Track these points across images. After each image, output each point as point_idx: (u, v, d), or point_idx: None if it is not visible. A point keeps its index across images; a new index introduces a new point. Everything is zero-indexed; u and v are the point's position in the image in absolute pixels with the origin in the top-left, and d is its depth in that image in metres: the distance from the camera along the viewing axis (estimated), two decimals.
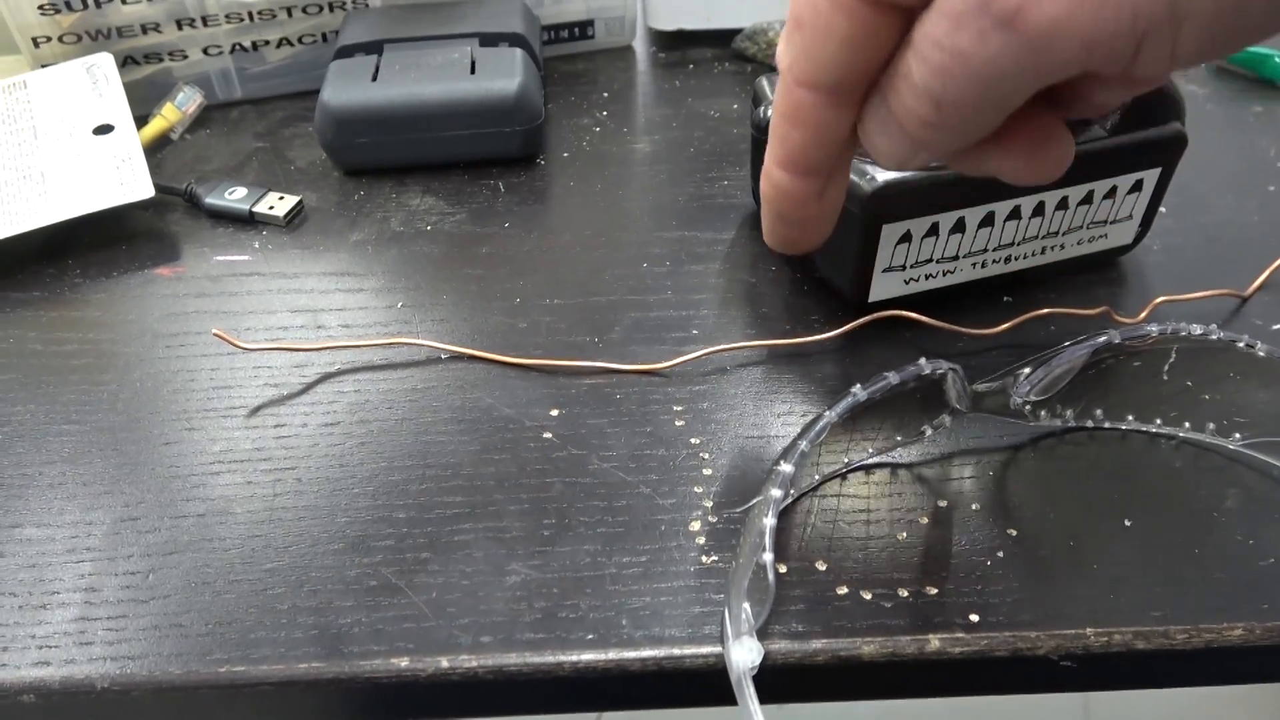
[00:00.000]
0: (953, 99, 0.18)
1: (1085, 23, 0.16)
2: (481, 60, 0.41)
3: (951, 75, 0.18)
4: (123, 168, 0.37)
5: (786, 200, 0.23)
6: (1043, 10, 0.16)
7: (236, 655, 0.23)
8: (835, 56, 0.20)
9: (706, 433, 0.29)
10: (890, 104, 0.20)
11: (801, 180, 0.22)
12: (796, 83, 0.21)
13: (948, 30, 0.17)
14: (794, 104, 0.21)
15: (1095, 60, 0.17)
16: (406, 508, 0.27)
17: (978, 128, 0.20)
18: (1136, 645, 0.23)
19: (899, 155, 0.21)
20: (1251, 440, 0.27)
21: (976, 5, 0.17)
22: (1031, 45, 0.17)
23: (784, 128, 0.22)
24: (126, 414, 0.30)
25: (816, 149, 0.22)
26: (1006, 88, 0.18)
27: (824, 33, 0.20)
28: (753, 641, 0.22)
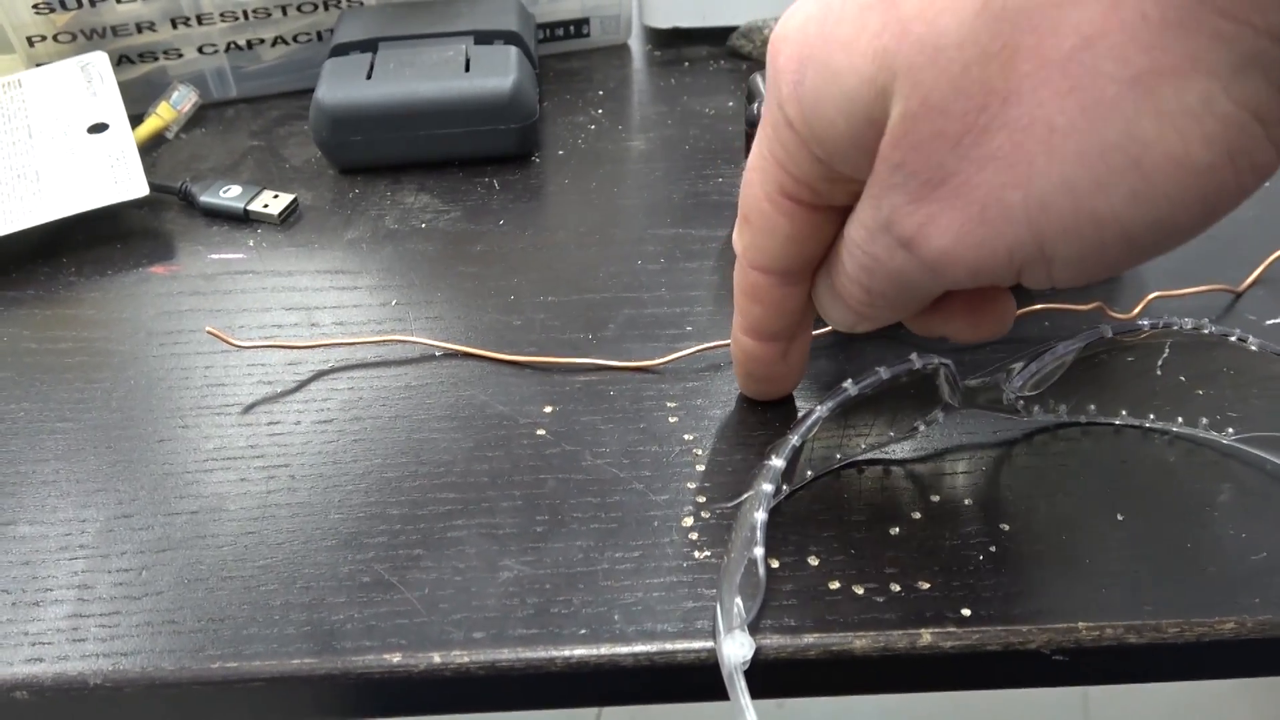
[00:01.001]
0: (877, 290, 0.21)
1: (967, 255, 0.18)
2: (476, 58, 0.41)
3: (872, 272, 0.21)
4: (117, 166, 0.37)
5: (754, 362, 0.26)
6: (931, 243, 0.19)
7: (229, 651, 0.23)
8: (781, 249, 0.23)
9: (700, 429, 0.29)
10: (834, 282, 0.23)
11: (765, 345, 0.25)
12: (750, 267, 0.24)
13: (864, 238, 0.20)
14: (751, 284, 0.24)
15: (983, 281, 0.19)
16: (400, 504, 0.27)
17: (906, 308, 0.22)
18: (1128, 639, 0.23)
19: (847, 323, 0.23)
20: (1244, 435, 0.27)
21: (881, 226, 0.19)
22: (927, 266, 0.19)
23: (744, 302, 0.25)
24: (120, 411, 0.30)
25: (775, 320, 0.25)
26: (918, 290, 0.21)
27: (769, 231, 0.22)
28: (744, 636, 0.22)
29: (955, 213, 0.18)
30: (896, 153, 0.18)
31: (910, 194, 0.18)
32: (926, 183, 0.18)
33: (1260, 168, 0.17)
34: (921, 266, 0.19)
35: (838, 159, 0.20)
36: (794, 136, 0.20)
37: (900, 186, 0.18)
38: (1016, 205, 0.17)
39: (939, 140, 0.17)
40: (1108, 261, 0.18)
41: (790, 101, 0.20)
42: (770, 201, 0.22)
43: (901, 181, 0.18)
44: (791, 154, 0.21)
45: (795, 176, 0.21)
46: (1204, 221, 0.18)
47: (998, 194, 0.17)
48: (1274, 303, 0.32)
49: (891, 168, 0.18)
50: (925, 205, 0.18)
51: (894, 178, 0.18)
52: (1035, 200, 0.17)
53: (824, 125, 0.19)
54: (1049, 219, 0.17)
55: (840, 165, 0.20)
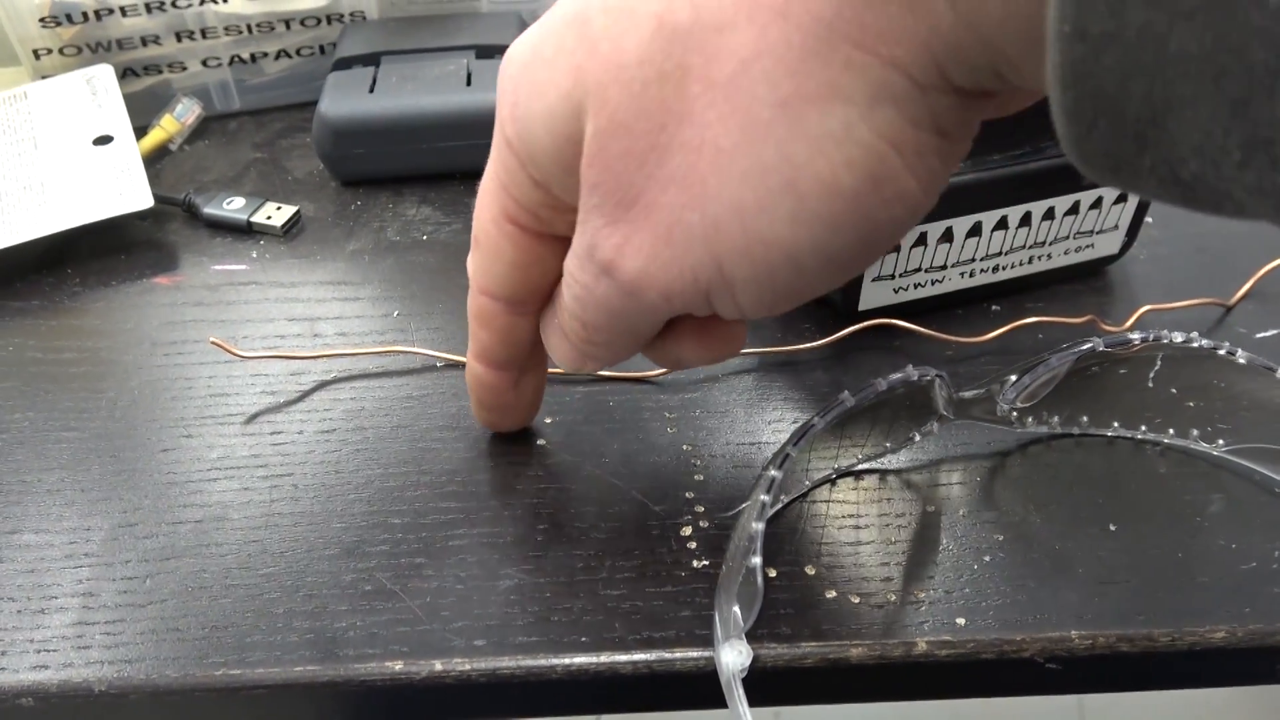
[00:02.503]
0: (592, 323, 0.21)
1: (658, 278, 0.19)
2: (477, 72, 0.41)
3: (586, 304, 0.20)
4: (122, 178, 0.38)
5: (485, 390, 0.26)
6: (626, 265, 0.19)
7: (233, 659, 0.24)
8: (507, 274, 0.23)
9: (698, 440, 0.29)
10: (558, 318, 0.22)
11: (495, 373, 0.25)
12: (479, 291, 0.24)
13: (574, 267, 0.20)
14: (480, 309, 0.24)
15: (677, 307, 0.19)
16: (401, 513, 0.27)
17: (626, 344, 0.22)
18: (1121, 648, 0.23)
19: (572, 361, 0.23)
20: (1235, 446, 0.28)
21: (587, 251, 0.19)
22: (625, 290, 0.19)
23: (474, 327, 0.24)
24: (125, 421, 0.30)
25: (504, 348, 0.24)
26: (627, 319, 0.20)
27: (495, 255, 0.22)
28: (742, 644, 0.22)
29: (644, 234, 0.18)
30: (592, 171, 0.18)
31: (606, 216, 0.18)
32: (619, 204, 0.18)
33: (906, 197, 0.17)
34: (621, 292, 0.19)
35: (552, 181, 0.20)
36: (513, 158, 0.20)
37: (598, 208, 0.19)
38: (695, 226, 0.18)
39: (627, 159, 0.18)
40: (782, 287, 0.18)
41: (508, 121, 0.20)
42: (495, 225, 0.22)
43: (599, 202, 0.18)
44: (513, 177, 0.21)
45: (517, 200, 0.21)
46: (864, 250, 0.18)
47: (679, 214, 0.18)
48: (1264, 316, 0.33)
49: (590, 188, 0.19)
50: (620, 227, 0.18)
51: (593, 198, 0.19)
52: (710, 221, 0.17)
53: (534, 143, 0.19)
54: (723, 241, 0.18)
55: (555, 189, 0.20)
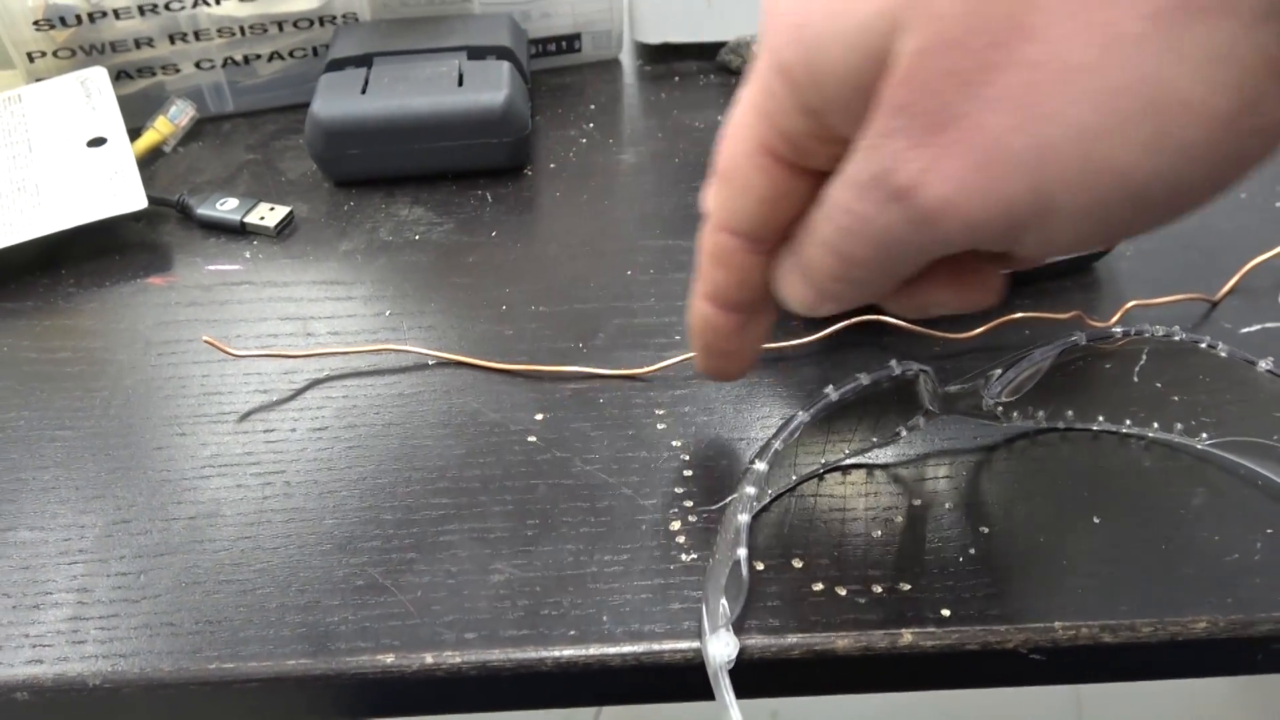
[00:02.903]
0: (856, 257, 0.20)
1: (965, 207, 0.17)
2: (469, 73, 0.42)
3: (854, 236, 0.19)
4: (115, 180, 0.38)
5: (711, 333, 0.25)
6: (930, 191, 0.17)
7: (226, 653, 0.24)
8: (753, 210, 0.22)
9: (687, 435, 0.29)
10: (800, 255, 0.21)
11: (724, 315, 0.24)
12: (718, 227, 0.23)
13: (850, 196, 0.19)
14: (716, 246, 0.23)
15: (978, 239, 0.18)
16: (393, 509, 0.27)
17: (881, 284, 0.21)
18: (1103, 638, 0.24)
19: (807, 302, 0.22)
20: (1218, 440, 0.28)
21: (874, 178, 0.18)
22: (921, 218, 0.18)
23: (707, 266, 0.24)
24: (119, 420, 0.30)
25: (738, 289, 0.23)
26: (904, 253, 0.19)
27: (743, 188, 0.21)
28: (729, 635, 0.22)
29: (957, 159, 0.17)
30: (902, 92, 0.17)
31: (912, 139, 0.17)
32: (931, 126, 0.17)
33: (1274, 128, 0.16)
34: (914, 220, 0.18)
35: (833, 107, 0.19)
36: (786, 85, 0.19)
37: (902, 131, 0.17)
38: (1023, 150, 0.16)
39: (949, 78, 0.17)
40: (1109, 222, 0.17)
41: (789, 45, 0.19)
42: (749, 157, 0.21)
43: (904, 125, 0.17)
44: (780, 105, 0.20)
45: (780, 131, 0.20)
46: (1214, 185, 0.17)
47: (1004, 138, 0.16)
48: (1249, 311, 0.33)
49: (894, 109, 0.17)
50: (926, 150, 0.17)
51: (896, 120, 0.17)
52: (1042, 146, 0.16)
53: (826, 65, 0.18)
54: (1054, 168, 0.16)
55: (834, 116, 0.19)
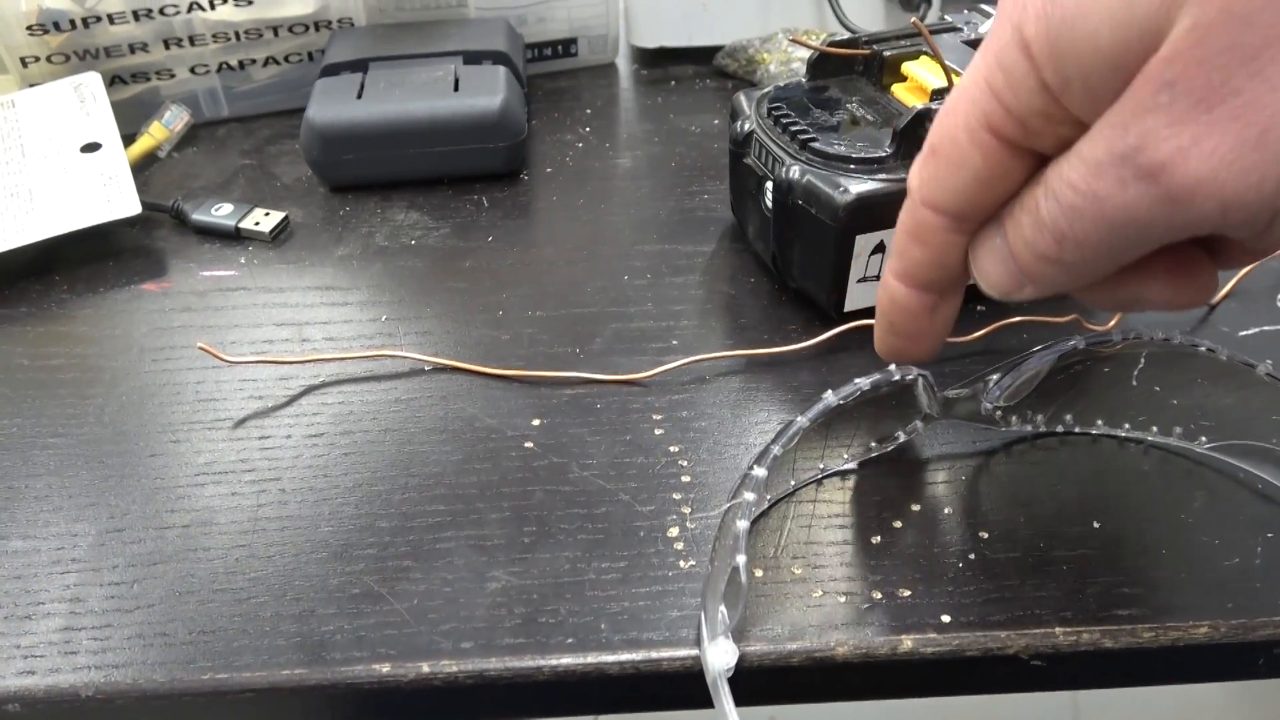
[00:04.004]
0: (1077, 237, 0.19)
1: (1227, 186, 0.17)
2: (465, 78, 0.42)
3: (1081, 215, 0.19)
4: (110, 185, 0.38)
5: (900, 312, 0.24)
6: (1188, 168, 0.17)
7: (220, 663, 0.24)
8: (965, 187, 0.21)
9: (685, 440, 0.29)
10: (1008, 235, 0.21)
11: (916, 295, 0.23)
12: (923, 203, 0.22)
13: (1085, 175, 0.18)
14: (918, 223, 0.22)
15: (1229, 223, 0.18)
16: (389, 516, 0.27)
17: (1093, 269, 0.20)
18: (1104, 644, 0.24)
19: (1006, 285, 0.21)
20: (1217, 444, 0.28)
21: (1121, 156, 0.18)
22: (1170, 198, 0.17)
23: (905, 243, 0.23)
24: (112, 427, 0.30)
25: (934, 268, 0.23)
26: (1134, 235, 0.19)
27: (957, 164, 0.21)
28: (728, 643, 0.22)
29: (1227, 136, 0.17)
30: (1172, 69, 0.17)
31: (1174, 116, 0.17)
32: (1199, 103, 0.17)
33: None
34: (1162, 200, 0.17)
35: (1075, 87, 0.18)
36: (1024, 61, 0.19)
37: (1164, 108, 0.17)
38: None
39: (1230, 54, 0.16)
40: None
41: (1036, 19, 0.18)
42: (969, 133, 0.20)
43: (1167, 102, 0.17)
44: (1014, 82, 0.19)
45: (1009, 108, 0.19)
46: None
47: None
48: (1247, 315, 0.33)
49: (1158, 87, 0.17)
50: (1189, 128, 0.17)
51: (1159, 98, 0.17)
52: None
53: (1079, 42, 0.18)
54: None
55: (1074, 95, 0.19)
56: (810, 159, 0.31)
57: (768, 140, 0.32)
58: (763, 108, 0.33)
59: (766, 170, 0.32)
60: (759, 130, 0.33)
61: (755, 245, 0.36)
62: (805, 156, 0.31)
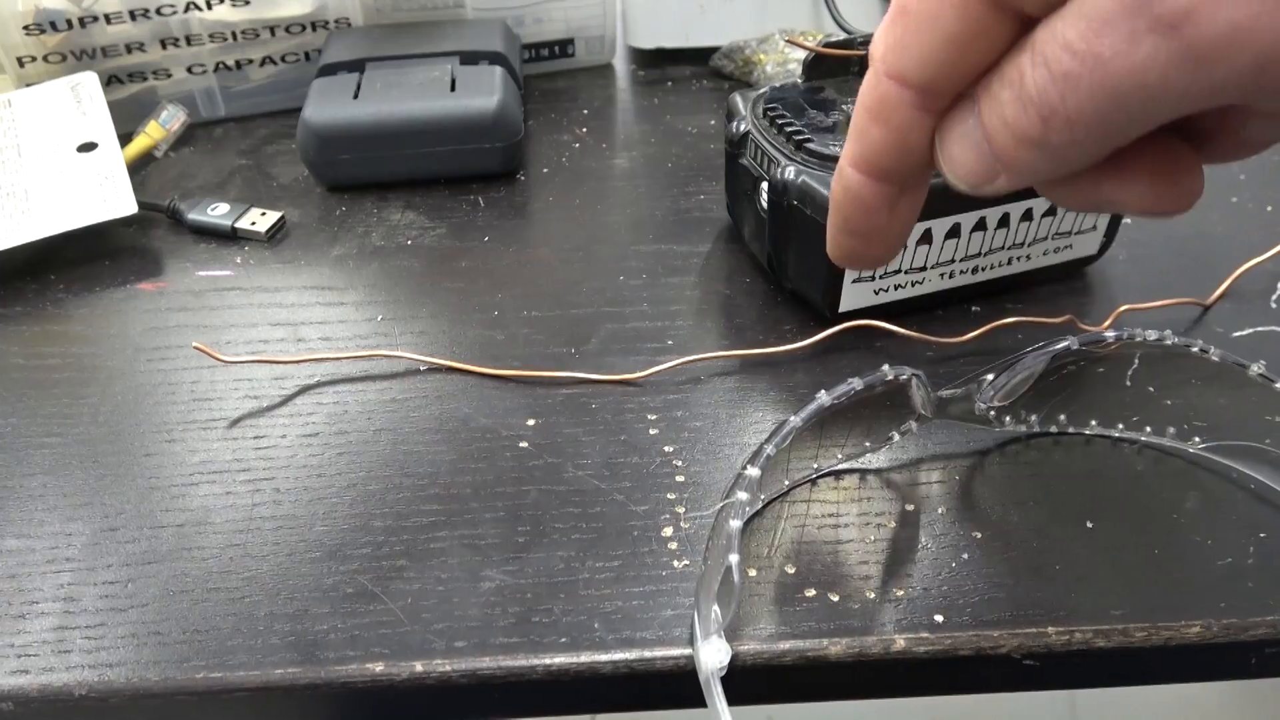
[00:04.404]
0: (1069, 112, 0.16)
1: (1266, 35, 0.14)
2: (462, 78, 0.42)
3: (1077, 83, 0.16)
4: (106, 185, 0.38)
5: (855, 206, 0.21)
6: (1219, 15, 0.14)
7: (214, 662, 0.24)
8: (936, 53, 0.18)
9: (680, 440, 0.29)
10: (983, 114, 0.18)
11: (874, 184, 0.20)
12: (886, 74, 0.19)
13: (1086, 32, 0.15)
14: (879, 98, 0.19)
15: (1264, 85, 0.15)
16: (384, 516, 0.27)
17: (1080, 154, 0.17)
18: (1097, 643, 0.24)
19: (978, 174, 0.19)
20: (1210, 444, 0.28)
21: (1133, 6, 0.15)
22: (1194, 54, 0.15)
23: (864, 122, 0.20)
24: (107, 426, 0.30)
25: (896, 153, 0.20)
26: (1140, 108, 0.16)
27: (929, 25, 0.18)
28: (721, 642, 0.22)
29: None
30: None
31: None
32: None
33: None
34: (1182, 56, 0.15)
35: None
36: None
37: None
38: None
39: None
40: None
41: None
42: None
43: None
44: None
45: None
46: None
47: None
48: (1241, 315, 0.33)
49: None
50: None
51: None
52: None
53: None
54: None
55: None
56: (805, 159, 0.31)
57: (763, 141, 0.32)
58: (758, 108, 0.33)
59: (762, 171, 0.32)
60: (754, 131, 0.33)
61: (751, 246, 0.36)
62: (800, 157, 0.31)
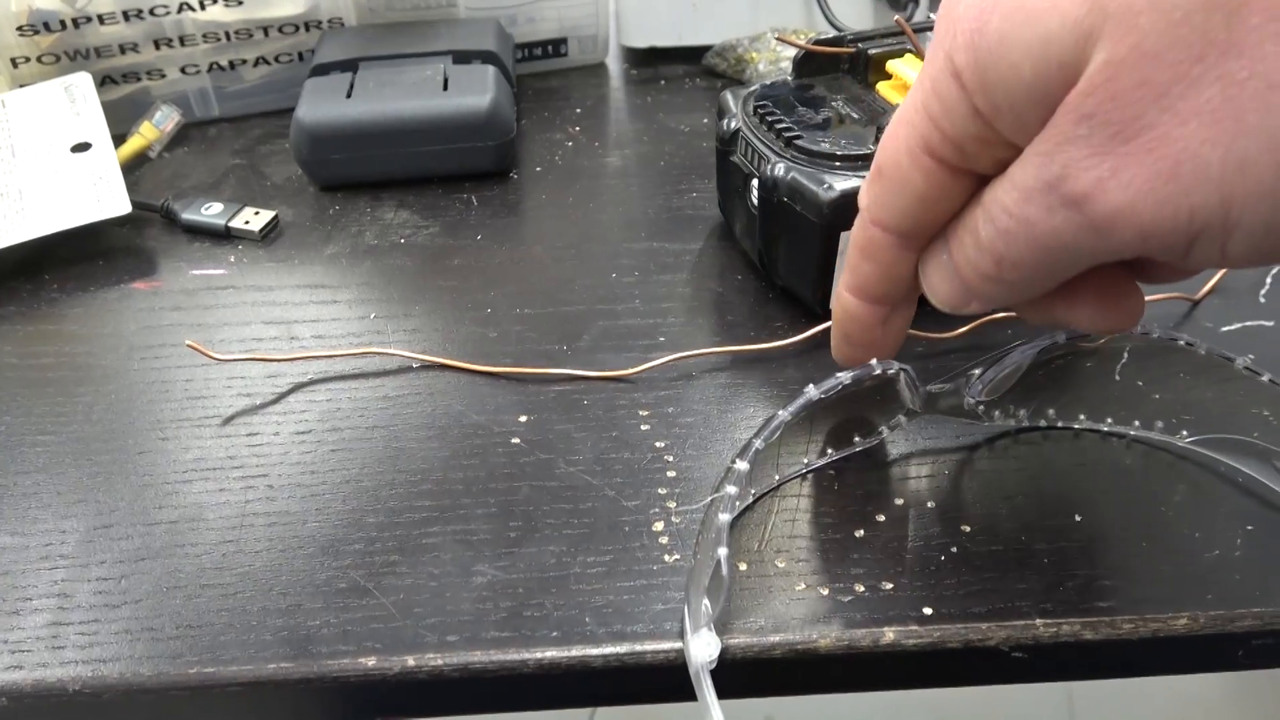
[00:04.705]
0: (1013, 259, 0.20)
1: (1145, 215, 0.17)
2: (454, 77, 0.42)
3: (1015, 239, 0.20)
4: (100, 185, 0.38)
5: (853, 323, 0.25)
6: (1108, 198, 0.18)
7: (207, 657, 0.24)
8: (908, 207, 0.22)
9: (671, 436, 0.29)
10: (952, 253, 0.22)
11: (868, 307, 0.25)
12: (872, 222, 0.23)
13: (1016, 200, 0.19)
14: (868, 240, 0.23)
15: (1150, 248, 0.18)
16: (376, 512, 0.27)
17: (1031, 287, 0.21)
18: (1085, 635, 0.24)
19: (954, 299, 0.23)
20: (1198, 437, 0.28)
21: (1047, 184, 0.18)
22: (1094, 225, 0.18)
23: (856, 258, 0.24)
24: (101, 424, 0.30)
25: (884, 282, 0.24)
26: (1064, 257, 0.19)
27: (900, 185, 0.22)
28: (710, 635, 0.22)
29: (1142, 168, 0.17)
30: (1089, 102, 0.17)
31: (1093, 147, 0.18)
32: (1116, 135, 0.17)
33: None
34: (1085, 228, 0.18)
35: (1006, 113, 0.19)
36: (957, 89, 0.20)
37: (1084, 140, 0.18)
38: (1214, 163, 0.17)
39: (1142, 90, 0.17)
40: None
41: (964, 49, 0.19)
42: (910, 156, 0.21)
43: (1086, 134, 0.18)
44: (949, 108, 0.20)
45: (945, 133, 0.20)
46: None
47: (1195, 149, 0.17)
48: (1229, 311, 0.33)
49: (1078, 119, 0.18)
50: (1108, 160, 0.17)
51: (1078, 129, 0.18)
52: (1235, 159, 0.16)
53: (1004, 73, 0.19)
54: (1246, 181, 0.17)
55: (1004, 122, 0.19)
56: (795, 156, 0.31)
57: (754, 138, 0.32)
58: (749, 106, 0.34)
59: (752, 168, 0.33)
60: (745, 128, 0.33)
61: (742, 243, 0.36)
62: (790, 154, 0.31)
